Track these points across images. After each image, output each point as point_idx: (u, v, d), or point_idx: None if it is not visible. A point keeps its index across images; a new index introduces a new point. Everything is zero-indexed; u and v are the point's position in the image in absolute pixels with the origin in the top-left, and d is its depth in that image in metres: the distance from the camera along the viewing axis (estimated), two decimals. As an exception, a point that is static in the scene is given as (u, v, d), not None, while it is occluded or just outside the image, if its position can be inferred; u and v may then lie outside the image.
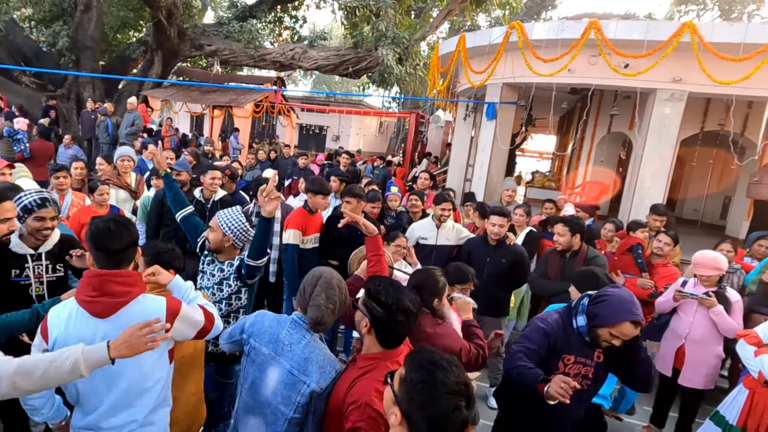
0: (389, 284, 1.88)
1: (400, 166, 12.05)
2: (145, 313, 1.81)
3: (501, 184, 7.60)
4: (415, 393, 1.28)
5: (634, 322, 2.14)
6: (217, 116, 13.10)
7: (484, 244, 4.12)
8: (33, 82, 13.71)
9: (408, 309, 1.80)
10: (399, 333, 1.83)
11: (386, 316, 1.78)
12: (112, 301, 1.81)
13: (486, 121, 8.38)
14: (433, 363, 1.32)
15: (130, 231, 1.90)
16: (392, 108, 20.84)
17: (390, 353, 1.84)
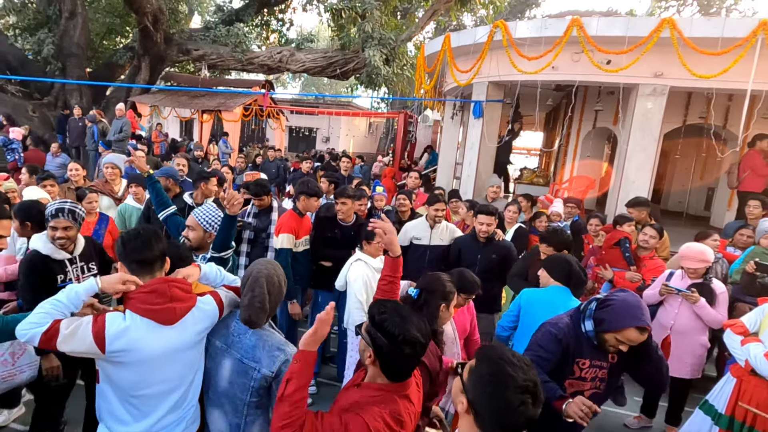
0: (395, 310, 1.68)
1: (389, 165, 12.12)
2: (204, 316, 1.95)
3: (488, 182, 7.69)
4: (483, 385, 1.34)
5: (639, 328, 2.08)
6: (207, 120, 13.09)
7: (473, 241, 4.18)
8: (19, 90, 13.61)
9: (416, 340, 1.61)
10: (406, 366, 1.66)
11: (391, 348, 1.60)
12: (180, 306, 1.85)
13: (473, 120, 8.47)
14: (502, 358, 1.36)
15: (161, 239, 1.96)
16: (381, 108, 20.92)
17: (397, 386, 1.66)
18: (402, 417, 1.60)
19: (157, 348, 1.79)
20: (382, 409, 1.59)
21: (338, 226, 4.27)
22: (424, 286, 2.41)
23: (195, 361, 1.98)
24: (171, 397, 1.90)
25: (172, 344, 1.83)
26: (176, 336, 1.84)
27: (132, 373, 1.79)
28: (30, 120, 12.45)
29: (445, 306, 2.38)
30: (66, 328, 1.64)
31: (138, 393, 1.83)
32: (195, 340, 1.94)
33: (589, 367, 2.29)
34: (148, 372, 1.81)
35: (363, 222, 4.24)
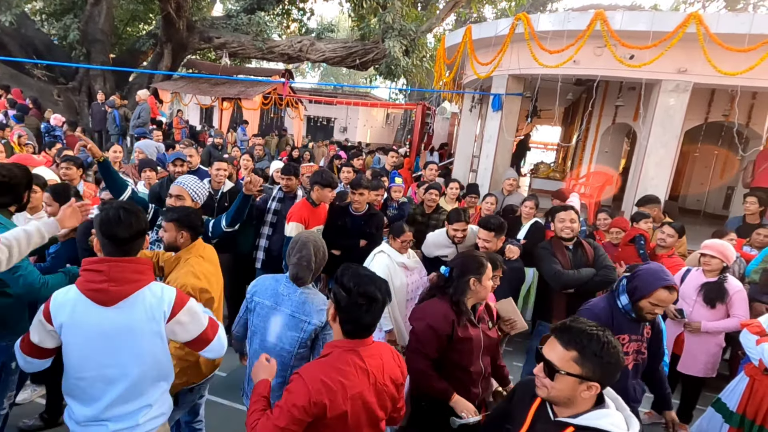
0: (357, 270, 1.79)
1: (406, 156, 12.15)
2: (152, 302, 1.81)
3: (504, 174, 7.70)
4: (607, 357, 1.50)
5: (667, 288, 2.31)
6: (227, 108, 13.24)
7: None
8: (45, 74, 13.91)
9: (371, 295, 1.70)
10: (362, 320, 1.72)
11: (348, 300, 1.70)
12: (120, 289, 1.77)
13: (492, 113, 8.46)
14: (586, 331, 1.54)
15: (140, 219, 1.88)
16: (399, 99, 20.87)
17: (353, 343, 1.75)
18: (346, 370, 1.69)
19: (94, 327, 1.75)
20: (327, 366, 1.69)
21: (349, 215, 4.31)
22: (453, 264, 2.48)
23: (148, 354, 1.84)
24: (116, 387, 1.81)
25: (111, 326, 1.76)
26: (116, 318, 1.77)
27: (73, 352, 1.79)
28: (55, 104, 12.74)
29: (476, 279, 2.37)
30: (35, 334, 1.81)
31: (79, 375, 1.80)
32: (145, 329, 1.82)
33: (629, 342, 2.47)
34: (87, 352, 1.78)
35: (375, 212, 4.29)
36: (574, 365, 1.50)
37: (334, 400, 1.63)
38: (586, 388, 1.51)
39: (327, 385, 1.64)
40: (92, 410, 1.83)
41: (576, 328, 1.55)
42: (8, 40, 12.51)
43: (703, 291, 3.69)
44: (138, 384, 1.85)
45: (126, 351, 1.80)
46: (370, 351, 1.78)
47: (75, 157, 4.63)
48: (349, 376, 1.69)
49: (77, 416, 1.85)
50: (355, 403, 1.69)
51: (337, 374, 1.67)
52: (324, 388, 1.63)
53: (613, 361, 1.50)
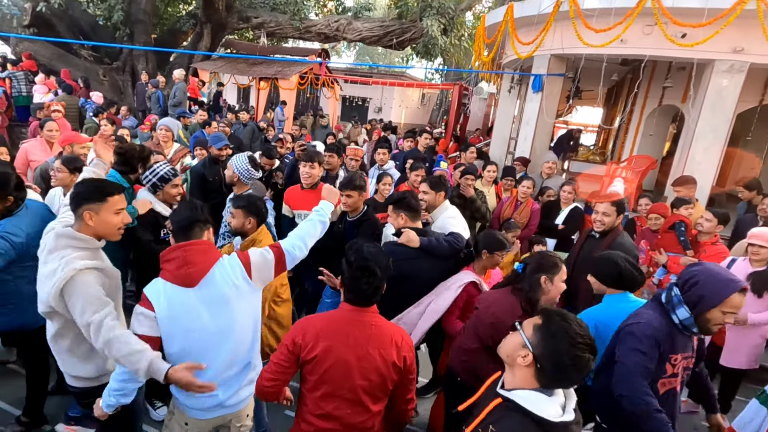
0: (361, 246, 1.98)
1: (441, 138, 12.05)
2: (228, 273, 2.02)
3: (544, 158, 7.56)
4: (553, 342, 1.48)
5: (742, 291, 2.03)
6: (263, 88, 13.38)
7: None
8: (91, 55, 14.33)
9: (370, 269, 1.88)
10: (361, 290, 1.90)
11: (349, 272, 1.92)
12: (197, 269, 1.95)
13: (531, 94, 8.27)
14: (566, 319, 1.52)
15: (197, 210, 2.08)
16: (435, 79, 20.58)
17: (352, 309, 1.94)
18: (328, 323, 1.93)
19: (188, 308, 1.94)
20: (318, 316, 1.99)
21: (344, 218, 3.74)
22: (529, 260, 2.53)
23: (241, 317, 2.06)
24: (221, 355, 2.02)
25: (203, 302, 1.96)
26: (206, 294, 1.96)
27: (176, 336, 1.95)
28: (101, 84, 13.16)
29: (548, 278, 2.40)
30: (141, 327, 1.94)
31: (186, 357, 1.94)
32: (233, 295, 2.01)
33: (680, 361, 2.24)
34: (189, 333, 1.95)
35: (368, 218, 3.61)
36: (530, 329, 1.55)
37: (306, 341, 1.87)
38: (524, 355, 1.51)
39: (305, 327, 1.92)
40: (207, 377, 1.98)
41: (562, 313, 1.55)
42: (57, 22, 12.93)
43: (750, 281, 3.59)
44: (239, 347, 2.09)
45: (222, 320, 2.00)
46: (364, 319, 1.94)
47: (124, 138, 4.85)
48: (329, 328, 1.91)
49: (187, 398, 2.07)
50: (330, 355, 1.86)
51: (318, 322, 1.94)
52: (302, 329, 1.92)
53: (561, 349, 1.45)
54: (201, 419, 2.14)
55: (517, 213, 5.32)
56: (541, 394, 1.48)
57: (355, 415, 1.91)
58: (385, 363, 1.89)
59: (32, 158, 4.87)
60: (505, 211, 5.40)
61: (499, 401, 1.54)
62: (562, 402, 1.50)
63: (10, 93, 10.27)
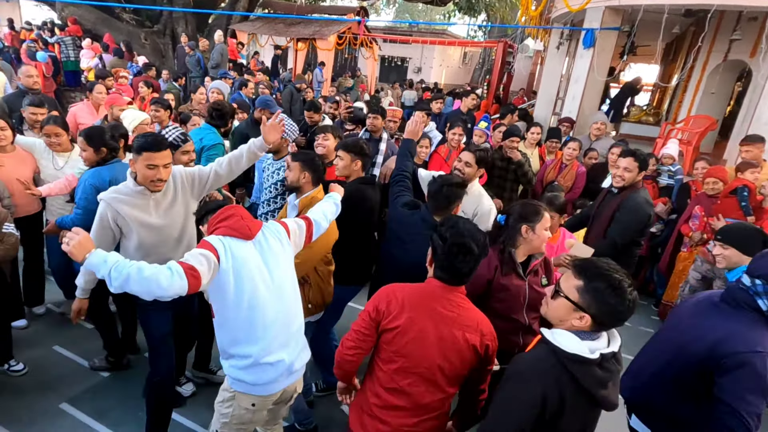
0: (457, 221, 1.89)
1: (483, 98, 11.63)
2: (274, 232, 2.12)
3: (592, 118, 7.15)
4: (604, 297, 1.49)
5: None
6: (301, 49, 13.20)
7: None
8: (133, 18, 14.49)
9: (466, 246, 1.78)
10: (456, 268, 1.81)
11: (443, 249, 1.81)
12: (252, 224, 2.03)
13: (582, 50, 7.77)
14: (602, 271, 1.53)
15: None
16: (478, 37, 19.72)
17: (441, 287, 1.84)
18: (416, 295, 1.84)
19: (250, 260, 1.97)
20: (406, 286, 1.88)
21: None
22: (510, 210, 2.42)
23: (291, 272, 2.15)
24: (278, 311, 2.02)
25: (257, 259, 2.00)
26: (260, 249, 2.03)
27: (237, 287, 1.93)
28: (142, 47, 13.35)
29: (529, 227, 2.30)
30: (201, 265, 1.79)
31: (247, 306, 1.94)
32: (281, 252, 2.10)
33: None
34: (249, 285, 1.94)
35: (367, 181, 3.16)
36: (575, 292, 1.54)
37: (390, 309, 1.82)
38: (579, 318, 1.54)
39: (389, 294, 1.86)
40: (260, 344, 1.99)
41: (595, 264, 1.57)
42: (100, -15, 13.11)
43: None
44: (294, 303, 2.13)
45: (279, 272, 2.06)
46: (452, 298, 1.84)
47: (164, 100, 4.85)
48: (415, 300, 1.83)
49: (245, 356, 1.99)
50: (412, 328, 1.79)
51: (404, 291, 1.86)
52: (386, 297, 1.86)
53: (613, 302, 1.48)
54: (268, 395, 2.08)
55: (561, 176, 5.11)
56: (574, 335, 1.54)
57: (429, 394, 1.82)
58: (468, 346, 1.80)
59: (80, 121, 5.01)
60: (548, 174, 5.20)
61: (538, 338, 1.64)
62: (604, 345, 1.53)
63: (60, 58, 10.56)
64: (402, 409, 1.83)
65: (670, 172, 5.29)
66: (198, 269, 1.77)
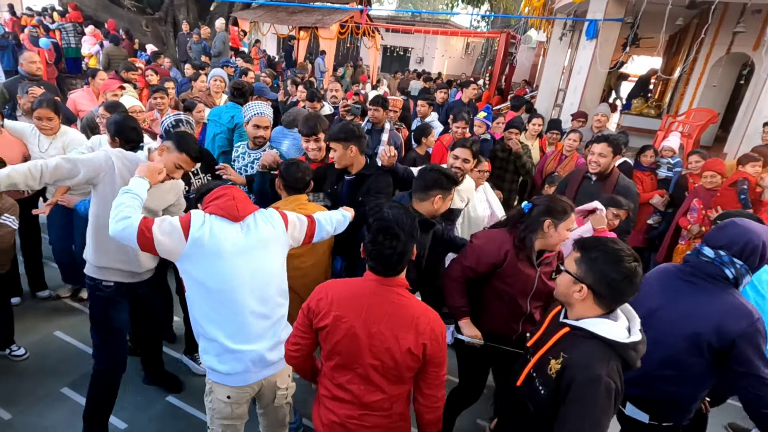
0: (382, 207, 1.78)
1: (486, 89, 11.59)
2: (269, 219, 2.08)
3: (594, 110, 7.14)
4: (597, 265, 1.55)
5: None
6: (303, 38, 13.14)
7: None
8: (134, 5, 14.38)
9: (391, 232, 1.66)
10: (384, 256, 1.68)
11: (369, 238, 1.70)
12: (243, 206, 2.01)
13: (585, 41, 7.75)
14: (600, 241, 1.60)
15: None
16: (481, 27, 19.57)
17: (375, 278, 1.73)
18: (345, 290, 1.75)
19: (229, 241, 1.93)
20: (338, 281, 1.82)
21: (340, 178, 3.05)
22: (537, 201, 2.35)
23: (277, 266, 2.08)
24: (254, 301, 1.98)
25: (240, 241, 1.95)
26: (246, 233, 1.99)
27: (209, 265, 1.92)
28: (144, 35, 13.26)
29: (552, 223, 2.24)
30: (160, 228, 1.86)
31: (217, 287, 1.92)
32: (272, 241, 2.05)
33: None
34: (222, 266, 1.92)
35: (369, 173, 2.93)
36: (573, 265, 1.61)
37: (319, 307, 1.74)
38: (578, 290, 1.58)
39: (320, 292, 1.78)
40: (229, 329, 1.97)
41: (596, 238, 1.63)
42: (100, -30, 13.01)
43: None
44: (272, 294, 2.06)
45: (260, 261, 2.00)
46: (385, 293, 1.72)
47: (164, 88, 4.88)
48: (345, 297, 1.74)
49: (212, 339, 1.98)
50: (340, 327, 1.70)
51: (336, 288, 1.77)
52: (317, 295, 1.78)
53: (607, 270, 1.52)
54: (242, 386, 2.05)
55: (561, 167, 5.09)
56: (606, 319, 1.58)
57: (368, 393, 1.74)
58: (398, 346, 1.67)
59: (80, 108, 5.01)
60: (548, 165, 5.19)
61: (567, 330, 1.63)
62: (627, 324, 1.60)
63: (61, 45, 10.51)
64: (347, 402, 1.77)
65: (669, 164, 5.28)
66: (153, 230, 1.84)
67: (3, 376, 3.13)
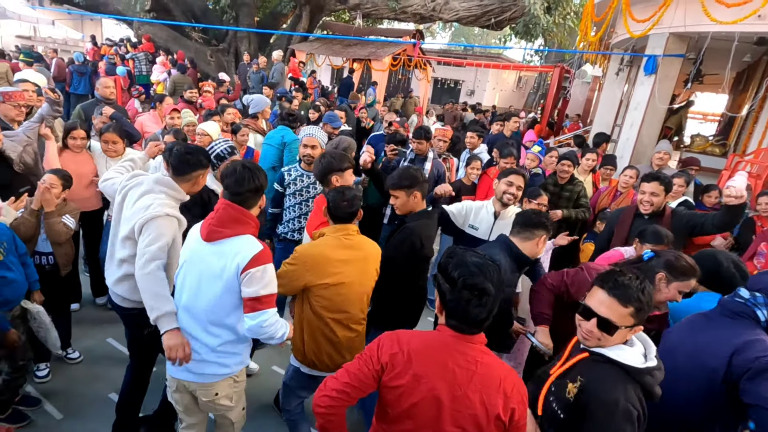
0: (464, 256, 1.53)
1: (537, 123, 11.45)
2: (237, 250, 2.01)
3: (652, 146, 6.88)
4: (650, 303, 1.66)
5: None
6: (357, 69, 13.56)
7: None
8: (200, 37, 15.41)
9: (480, 287, 1.45)
10: (470, 315, 1.48)
11: (452, 293, 1.49)
12: (219, 230, 2.03)
13: (643, 77, 7.55)
14: (641, 277, 1.70)
15: (255, 177, 2.09)
16: (534, 61, 19.51)
17: (456, 337, 1.53)
18: (426, 348, 1.52)
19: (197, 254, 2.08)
20: (416, 333, 1.60)
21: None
22: (661, 252, 2.31)
23: (213, 295, 2.05)
24: (194, 313, 2.10)
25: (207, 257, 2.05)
26: (210, 252, 2.05)
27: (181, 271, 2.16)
28: (208, 64, 14.14)
29: (665, 277, 2.18)
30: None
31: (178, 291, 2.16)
32: (217, 271, 2.02)
33: None
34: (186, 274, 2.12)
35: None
36: (631, 319, 1.62)
37: (394, 363, 1.51)
38: (632, 332, 1.66)
39: (395, 342, 1.55)
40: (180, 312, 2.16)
41: (629, 286, 1.62)
42: (173, 6, 14.03)
43: None
44: (204, 319, 2.09)
45: (202, 284, 2.07)
46: (468, 351, 1.52)
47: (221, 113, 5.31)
48: (423, 353, 1.52)
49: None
50: (419, 388, 1.49)
51: (415, 342, 1.54)
52: (390, 345, 1.54)
53: (652, 304, 1.66)
54: (174, 377, 2.20)
55: (615, 203, 4.91)
56: (623, 345, 1.66)
57: None
58: (485, 413, 1.47)
59: (146, 129, 5.34)
60: (601, 201, 5.01)
61: (585, 355, 1.69)
62: (642, 350, 1.68)
63: (133, 72, 11.37)
64: None
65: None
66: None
67: (57, 377, 3.28)
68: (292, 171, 3.66)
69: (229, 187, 2.08)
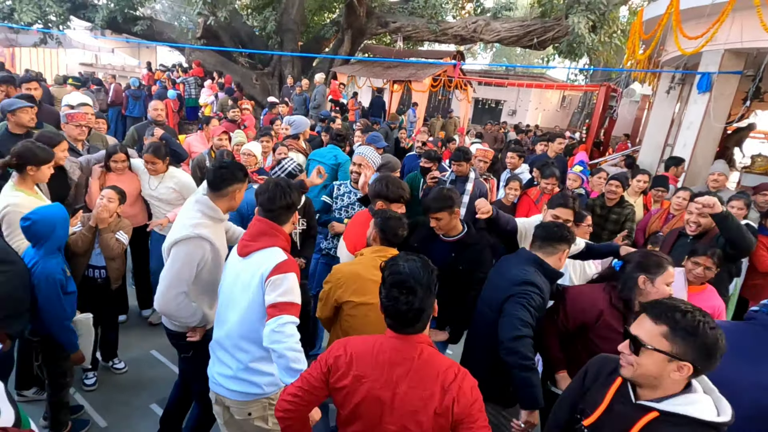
0: (397, 260, 1.63)
1: (582, 143, 11.16)
2: (262, 261, 2.05)
3: (706, 167, 6.54)
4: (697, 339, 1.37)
5: None
6: (397, 90, 13.70)
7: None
8: (247, 62, 16.03)
9: (406, 285, 1.53)
10: (400, 312, 1.54)
11: (384, 294, 1.58)
12: (251, 244, 2.11)
13: (696, 95, 7.24)
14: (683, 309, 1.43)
15: (287, 194, 2.14)
16: (578, 81, 19.14)
17: (395, 337, 1.60)
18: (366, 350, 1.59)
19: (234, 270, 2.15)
20: (359, 339, 1.67)
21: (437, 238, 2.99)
22: (629, 257, 2.31)
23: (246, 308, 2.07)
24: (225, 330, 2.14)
25: (242, 273, 2.11)
26: (243, 268, 2.11)
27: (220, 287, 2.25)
28: (253, 87, 14.67)
29: (646, 278, 2.17)
30: None
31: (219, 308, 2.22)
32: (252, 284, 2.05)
33: None
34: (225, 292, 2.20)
35: (471, 242, 2.91)
36: (664, 341, 1.37)
37: (338, 365, 1.59)
38: (676, 369, 1.36)
39: (341, 347, 1.63)
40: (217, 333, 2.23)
41: (668, 304, 1.43)
42: (222, 33, 14.69)
43: None
44: (236, 334, 2.12)
45: (234, 297, 2.12)
46: (406, 349, 1.57)
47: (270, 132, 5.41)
48: (365, 354, 1.58)
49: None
50: (360, 388, 1.54)
51: (358, 346, 1.62)
52: (336, 350, 1.63)
53: (709, 342, 1.33)
54: (212, 390, 2.25)
55: (667, 226, 4.66)
56: (690, 395, 1.40)
57: None
58: (424, 408, 1.50)
59: (193, 149, 5.54)
60: (653, 224, 4.77)
61: (656, 415, 1.40)
62: (702, 390, 1.43)
63: (183, 95, 11.98)
64: None
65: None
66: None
67: (103, 386, 3.40)
68: (342, 187, 3.75)
69: (263, 204, 2.15)
